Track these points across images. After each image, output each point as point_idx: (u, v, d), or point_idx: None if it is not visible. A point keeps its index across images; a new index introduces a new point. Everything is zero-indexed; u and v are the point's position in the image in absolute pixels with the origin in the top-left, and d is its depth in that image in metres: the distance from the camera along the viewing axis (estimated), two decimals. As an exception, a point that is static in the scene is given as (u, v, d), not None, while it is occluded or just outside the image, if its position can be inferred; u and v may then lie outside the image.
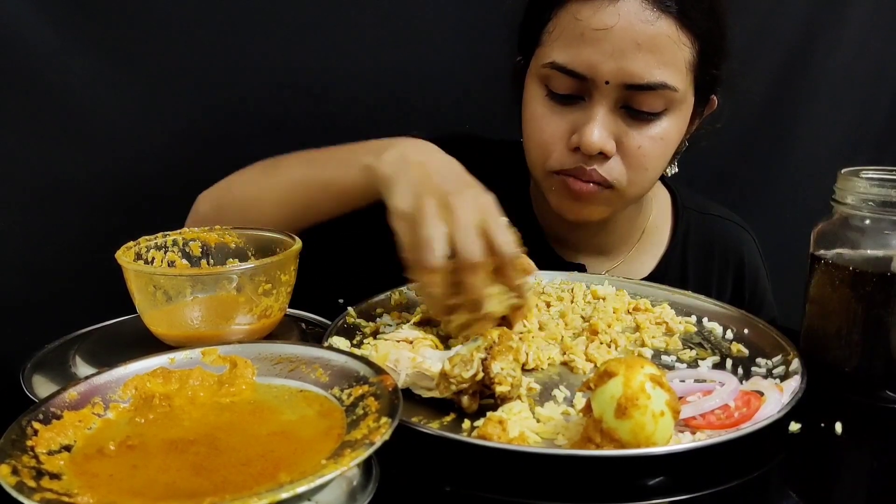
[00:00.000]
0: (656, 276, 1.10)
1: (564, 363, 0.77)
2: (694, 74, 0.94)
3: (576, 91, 0.92)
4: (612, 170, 0.93)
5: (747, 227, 1.18)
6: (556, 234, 0.95)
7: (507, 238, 0.70)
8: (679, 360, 0.78)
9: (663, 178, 1.15)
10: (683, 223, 1.14)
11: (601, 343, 0.80)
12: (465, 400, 0.66)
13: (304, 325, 0.85)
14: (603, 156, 0.92)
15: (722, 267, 1.14)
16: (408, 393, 0.69)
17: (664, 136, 0.93)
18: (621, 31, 0.88)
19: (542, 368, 0.76)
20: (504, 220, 0.72)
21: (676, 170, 1.06)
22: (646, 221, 1.13)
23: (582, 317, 0.87)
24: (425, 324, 0.80)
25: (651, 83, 0.89)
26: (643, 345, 0.81)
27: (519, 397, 0.68)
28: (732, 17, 0.97)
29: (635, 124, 0.92)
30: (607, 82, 0.89)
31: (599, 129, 0.90)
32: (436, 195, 0.71)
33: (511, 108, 1.03)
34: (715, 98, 1.02)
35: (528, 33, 0.98)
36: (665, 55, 0.89)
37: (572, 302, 0.91)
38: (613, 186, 0.94)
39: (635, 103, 0.91)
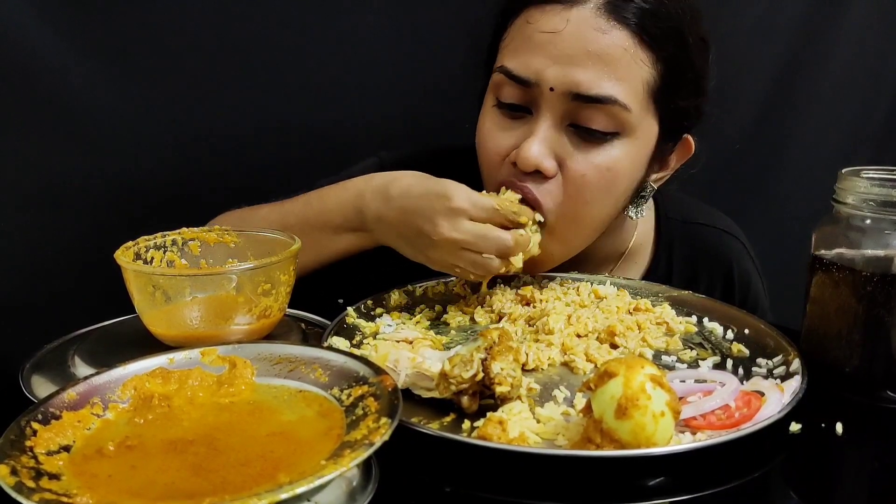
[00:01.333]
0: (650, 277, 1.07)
1: (564, 363, 0.77)
2: (655, 101, 0.87)
3: (523, 101, 0.87)
4: (548, 193, 0.86)
5: (735, 231, 1.12)
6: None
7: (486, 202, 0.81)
8: (679, 360, 0.78)
9: None
10: (667, 237, 1.08)
11: (615, 346, 0.80)
12: (465, 400, 0.66)
13: (303, 325, 0.85)
14: (541, 176, 0.86)
15: (710, 277, 1.09)
16: (408, 393, 0.69)
17: (612, 165, 0.86)
18: (570, 37, 0.83)
19: (542, 369, 0.75)
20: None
21: (643, 214, 0.99)
22: (628, 242, 1.07)
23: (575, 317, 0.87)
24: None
25: (599, 95, 0.82)
26: (646, 345, 0.81)
27: (519, 398, 0.68)
28: (720, 43, 0.93)
29: (582, 146, 0.85)
30: (552, 89, 0.83)
31: (539, 145, 0.84)
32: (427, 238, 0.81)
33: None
34: (690, 139, 0.95)
35: (491, 51, 0.95)
36: (618, 69, 0.83)
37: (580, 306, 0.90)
38: (546, 218, 0.87)
39: (582, 119, 0.84)
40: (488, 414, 0.63)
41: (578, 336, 0.81)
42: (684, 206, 1.12)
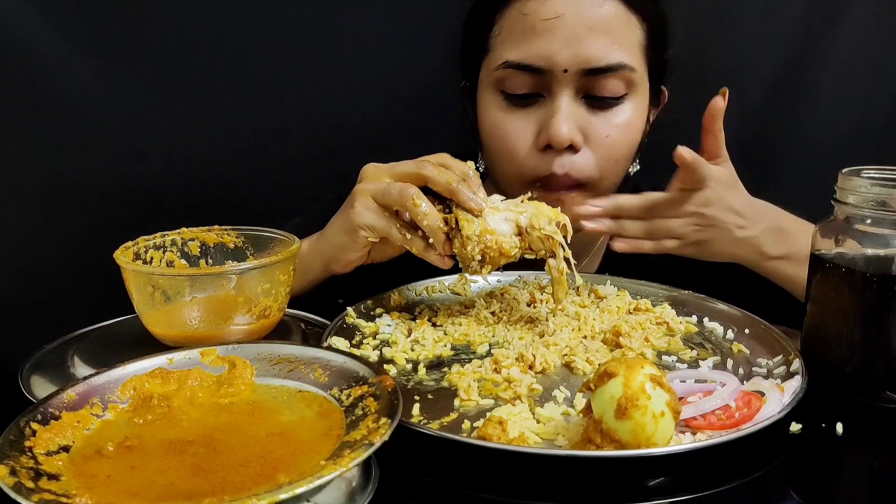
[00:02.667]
0: (607, 263, 1.10)
1: (565, 364, 0.77)
2: (647, 56, 0.93)
3: (534, 89, 0.91)
4: (584, 166, 0.91)
5: None
6: None
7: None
8: (680, 360, 0.78)
9: None
10: None
11: (620, 346, 0.79)
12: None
13: (303, 325, 0.85)
14: (572, 149, 0.90)
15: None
16: (407, 393, 0.69)
17: (629, 122, 0.92)
18: (572, 17, 0.87)
19: (548, 371, 0.75)
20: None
21: (639, 167, 1.04)
22: None
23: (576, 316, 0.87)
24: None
25: (610, 64, 0.88)
26: (649, 345, 0.80)
27: (519, 397, 0.68)
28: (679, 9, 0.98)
29: (599, 113, 0.91)
30: (566, 71, 0.88)
31: (566, 121, 0.89)
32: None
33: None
34: (664, 89, 1.02)
35: (472, 49, 0.96)
36: (618, 36, 0.89)
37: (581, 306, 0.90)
38: (587, 184, 0.92)
39: (596, 90, 0.90)
40: (488, 414, 0.63)
41: (585, 337, 0.81)
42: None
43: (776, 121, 1.52)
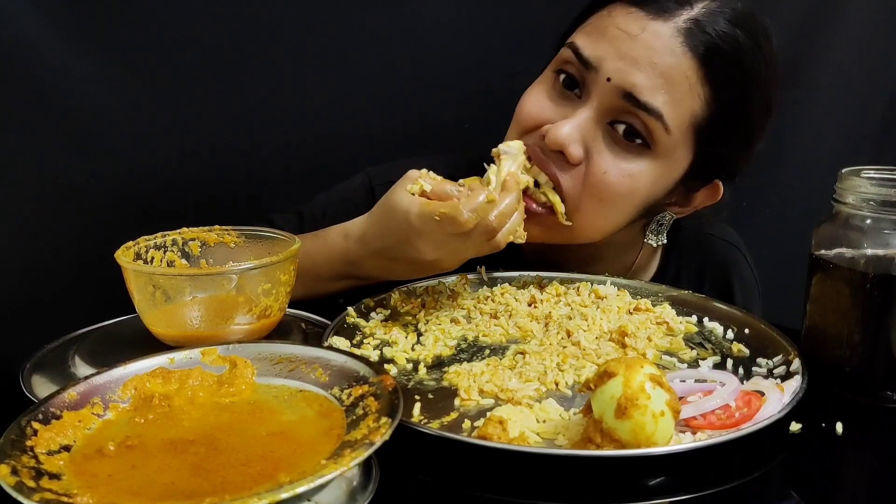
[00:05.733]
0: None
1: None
2: (696, 135, 0.89)
3: (577, 84, 0.89)
4: (570, 178, 0.87)
5: (740, 243, 1.15)
6: (542, 262, 0.94)
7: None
8: (680, 359, 0.78)
9: None
10: (678, 246, 1.10)
11: (629, 347, 0.79)
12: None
13: (303, 325, 0.85)
14: (563, 158, 0.87)
15: (713, 285, 1.11)
16: (408, 393, 0.69)
17: (633, 174, 0.87)
18: (641, 44, 0.84)
19: (547, 371, 0.75)
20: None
21: (664, 241, 1.01)
22: (637, 255, 1.07)
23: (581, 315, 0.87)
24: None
25: (649, 105, 0.84)
26: (652, 345, 0.80)
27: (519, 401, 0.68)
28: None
29: (613, 147, 0.87)
30: (609, 79, 0.85)
31: (571, 128, 0.86)
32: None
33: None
34: (720, 185, 0.97)
35: (564, 36, 0.95)
36: (673, 91, 0.85)
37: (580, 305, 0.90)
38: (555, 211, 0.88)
39: (623, 122, 0.86)
40: (488, 414, 0.64)
41: (597, 338, 0.81)
42: (694, 216, 1.12)
43: (776, 120, 1.52)
